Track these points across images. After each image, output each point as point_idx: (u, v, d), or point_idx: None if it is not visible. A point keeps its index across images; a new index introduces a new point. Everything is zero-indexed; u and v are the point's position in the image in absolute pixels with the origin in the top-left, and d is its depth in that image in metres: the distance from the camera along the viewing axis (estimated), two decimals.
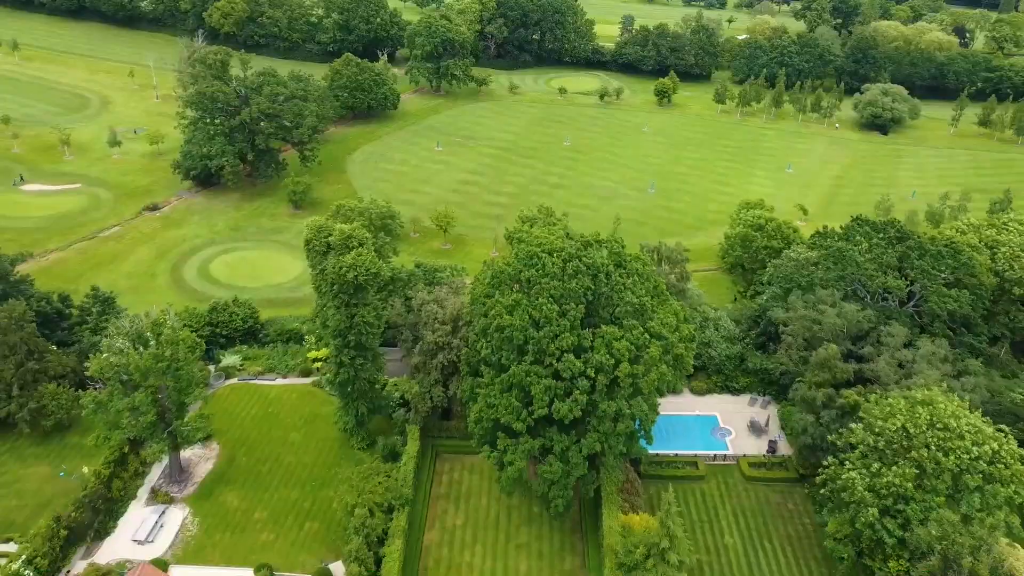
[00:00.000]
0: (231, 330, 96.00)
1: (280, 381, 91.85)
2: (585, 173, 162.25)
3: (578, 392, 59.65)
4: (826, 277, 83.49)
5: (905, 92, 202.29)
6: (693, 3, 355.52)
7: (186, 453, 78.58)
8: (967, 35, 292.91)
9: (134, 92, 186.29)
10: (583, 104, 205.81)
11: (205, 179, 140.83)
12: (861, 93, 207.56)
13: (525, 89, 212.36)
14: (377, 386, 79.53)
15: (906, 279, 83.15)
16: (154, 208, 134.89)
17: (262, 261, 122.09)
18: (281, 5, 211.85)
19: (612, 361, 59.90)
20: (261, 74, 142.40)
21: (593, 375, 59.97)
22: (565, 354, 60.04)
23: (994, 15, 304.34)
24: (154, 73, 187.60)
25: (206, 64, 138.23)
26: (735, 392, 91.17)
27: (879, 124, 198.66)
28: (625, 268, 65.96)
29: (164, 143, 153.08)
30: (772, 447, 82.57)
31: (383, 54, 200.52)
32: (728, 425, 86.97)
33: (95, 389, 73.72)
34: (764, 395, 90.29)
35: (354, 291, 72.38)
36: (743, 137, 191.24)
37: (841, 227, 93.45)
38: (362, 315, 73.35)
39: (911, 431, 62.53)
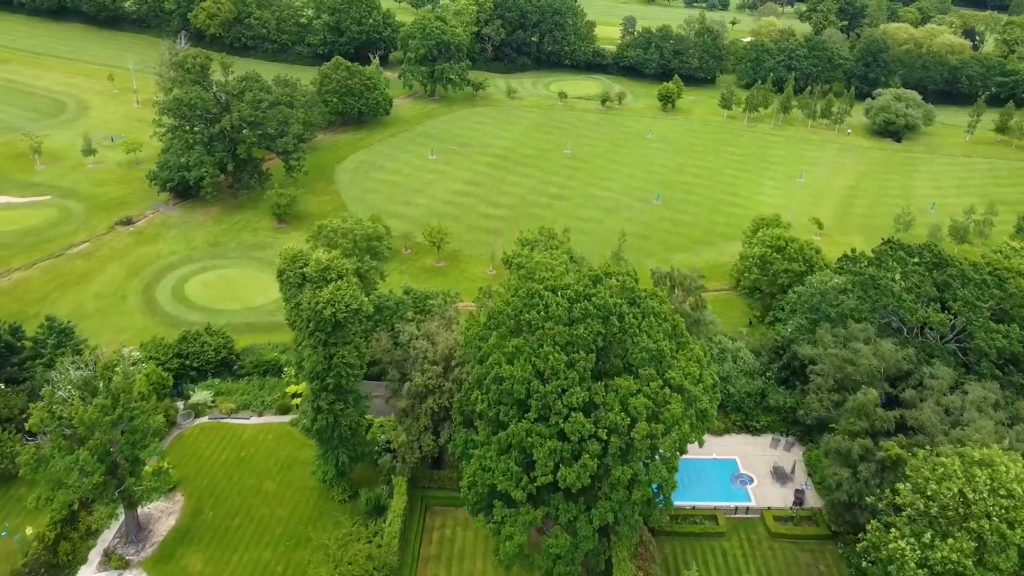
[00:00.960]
0: (203, 362, 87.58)
1: (255, 420, 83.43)
2: (587, 183, 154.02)
3: (587, 456, 51.40)
4: (858, 308, 75.28)
5: (919, 97, 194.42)
6: (695, 4, 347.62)
7: (145, 507, 70.18)
8: (977, 37, 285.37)
9: (113, 96, 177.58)
10: (584, 109, 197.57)
11: (183, 191, 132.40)
12: (873, 98, 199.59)
13: (523, 93, 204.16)
14: (360, 430, 71.27)
15: (947, 311, 75.01)
16: (128, 222, 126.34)
17: (241, 281, 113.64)
18: (269, 6, 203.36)
19: (627, 421, 51.68)
20: (244, 79, 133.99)
21: (605, 436, 51.70)
22: (573, 412, 51.78)
23: (1004, 17, 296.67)
24: (134, 76, 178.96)
25: (184, 69, 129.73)
26: (755, 432, 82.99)
27: (892, 131, 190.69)
28: (639, 307, 57.66)
29: (142, 151, 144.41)
30: (799, 498, 74.40)
31: (375, 57, 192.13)
32: (749, 471, 78.78)
33: (41, 438, 65.34)
34: (787, 435, 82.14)
35: (332, 329, 64.09)
36: (751, 144, 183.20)
37: (872, 251, 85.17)
38: (342, 355, 65.06)
39: (970, 497, 54.36)
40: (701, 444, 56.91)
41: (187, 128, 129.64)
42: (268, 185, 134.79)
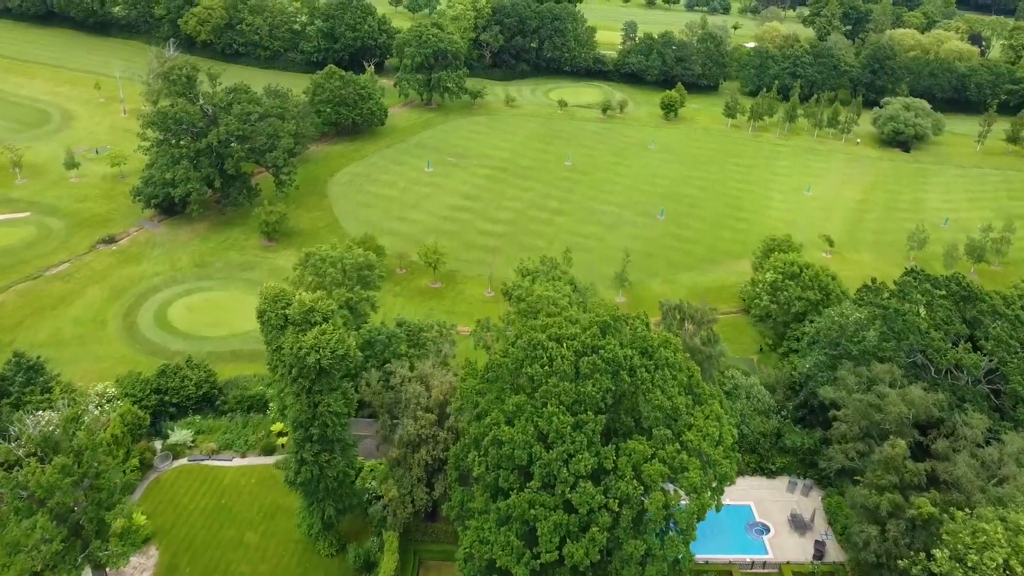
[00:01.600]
0: (183, 398, 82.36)
1: (238, 461, 78.23)
2: (588, 196, 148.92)
3: (596, 529, 46.31)
4: (882, 346, 70.24)
5: (928, 106, 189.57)
6: (696, 8, 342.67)
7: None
8: (983, 43, 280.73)
9: (100, 106, 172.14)
10: (584, 118, 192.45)
11: (169, 207, 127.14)
12: (880, 107, 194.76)
13: (522, 101, 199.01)
14: (348, 481, 66.14)
15: (978, 350, 70.02)
16: (110, 240, 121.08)
17: (227, 304, 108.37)
18: (262, 12, 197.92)
19: (640, 490, 46.60)
20: (232, 90, 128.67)
21: (617, 507, 46.62)
22: (581, 480, 46.68)
23: (1011, 22, 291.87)
24: (120, 85, 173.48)
25: (170, 80, 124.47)
26: (771, 474, 77.90)
27: (901, 141, 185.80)
28: (652, 358, 52.53)
29: (127, 164, 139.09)
30: (819, 549, 69.30)
31: (370, 65, 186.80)
32: (765, 519, 73.71)
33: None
34: (805, 478, 77.10)
35: (317, 376, 58.96)
36: (756, 154, 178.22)
37: (895, 282, 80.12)
38: (327, 403, 59.95)
39: (1018, 572, 49.34)
40: (719, 510, 51.79)
41: (173, 142, 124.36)
42: (257, 201, 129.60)
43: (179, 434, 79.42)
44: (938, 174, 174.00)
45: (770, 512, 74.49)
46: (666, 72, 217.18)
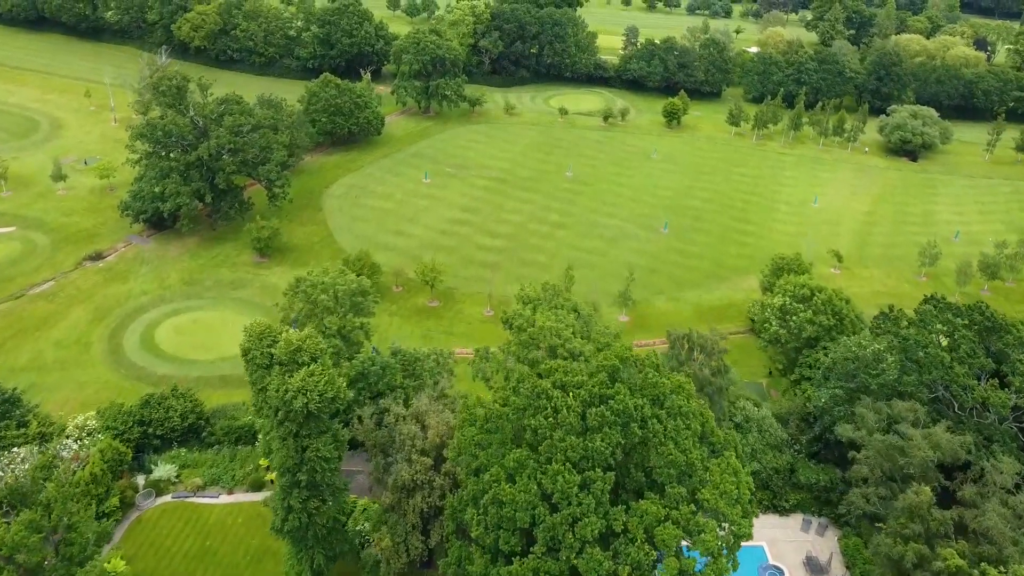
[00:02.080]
0: (167, 430, 78.55)
1: (224, 499, 74.47)
2: (589, 209, 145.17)
3: None
4: (904, 381, 66.55)
5: (936, 114, 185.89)
6: (698, 12, 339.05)
7: None
8: (988, 48, 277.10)
9: (90, 115, 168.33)
10: (585, 126, 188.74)
11: (158, 221, 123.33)
12: (887, 115, 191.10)
13: (522, 109, 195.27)
14: (339, 527, 62.38)
15: (1005, 386, 66.34)
16: (97, 257, 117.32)
17: (217, 325, 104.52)
18: (256, 17, 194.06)
19: (653, 555, 42.87)
20: (223, 101, 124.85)
21: (627, 574, 42.88)
22: (588, 546, 42.94)
23: (1015, 26, 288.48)
24: (111, 93, 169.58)
25: (160, 92, 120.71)
26: (784, 512, 74.18)
27: (908, 150, 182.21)
28: (664, 406, 48.79)
29: (116, 176, 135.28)
30: None
31: (366, 72, 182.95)
32: (779, 560, 69.99)
33: None
34: (820, 516, 73.42)
35: (305, 420, 55.22)
36: (761, 164, 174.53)
37: (915, 311, 76.40)
38: (316, 448, 56.19)
39: None
40: (736, 568, 48.05)
41: (162, 154, 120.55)
42: (249, 215, 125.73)
43: (163, 469, 75.61)
44: (947, 184, 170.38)
45: (784, 553, 70.80)
46: (668, 78, 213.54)
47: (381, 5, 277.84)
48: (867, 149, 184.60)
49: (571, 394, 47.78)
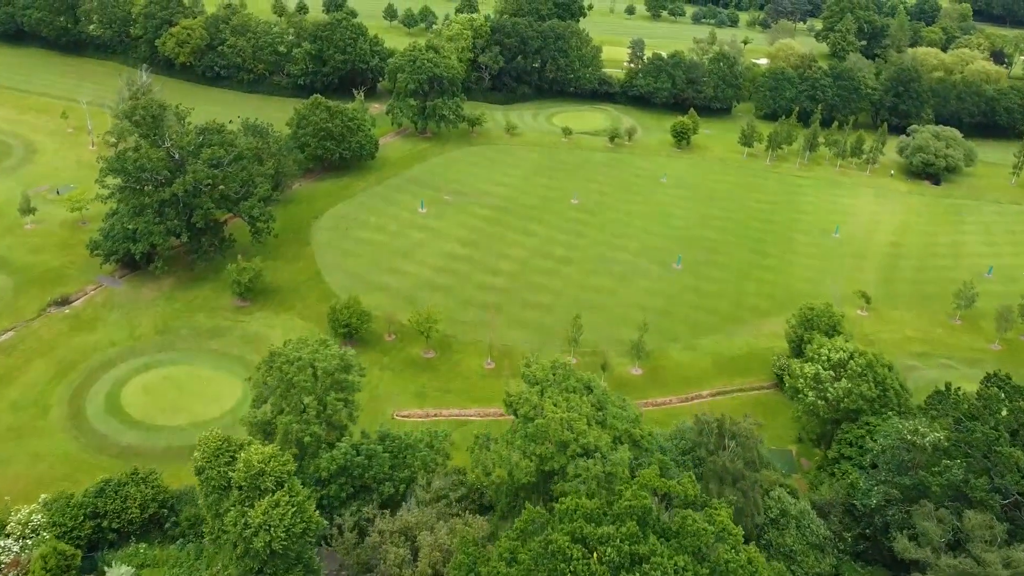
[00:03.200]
0: (124, 522, 69.13)
1: None
2: (597, 241, 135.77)
3: None
4: (973, 484, 57.18)
5: (959, 135, 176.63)
6: (703, 21, 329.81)
7: None
8: (1006, 60, 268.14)
9: (67, 137, 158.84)
10: (591, 147, 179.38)
11: (131, 260, 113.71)
12: (908, 135, 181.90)
13: (524, 128, 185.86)
14: None
15: None
16: (63, 302, 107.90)
17: (190, 383, 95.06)
18: (245, 32, 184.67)
19: None
20: (203, 130, 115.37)
21: None
22: None
23: None
24: (88, 115, 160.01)
25: (133, 121, 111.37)
26: None
27: (930, 172, 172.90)
28: (706, 560, 39.32)
29: (90, 209, 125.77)
30: None
31: (359, 92, 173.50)
32: None
33: None
34: None
35: (269, 557, 45.85)
36: (776, 189, 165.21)
37: (978, 394, 66.96)
38: None
39: None
40: None
41: (136, 188, 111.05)
42: (231, 253, 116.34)
43: (118, 571, 66.07)
44: (974, 211, 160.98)
45: None
46: (676, 94, 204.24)
47: (378, 15, 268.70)
48: (892, 172, 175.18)
49: (595, 552, 38.29)
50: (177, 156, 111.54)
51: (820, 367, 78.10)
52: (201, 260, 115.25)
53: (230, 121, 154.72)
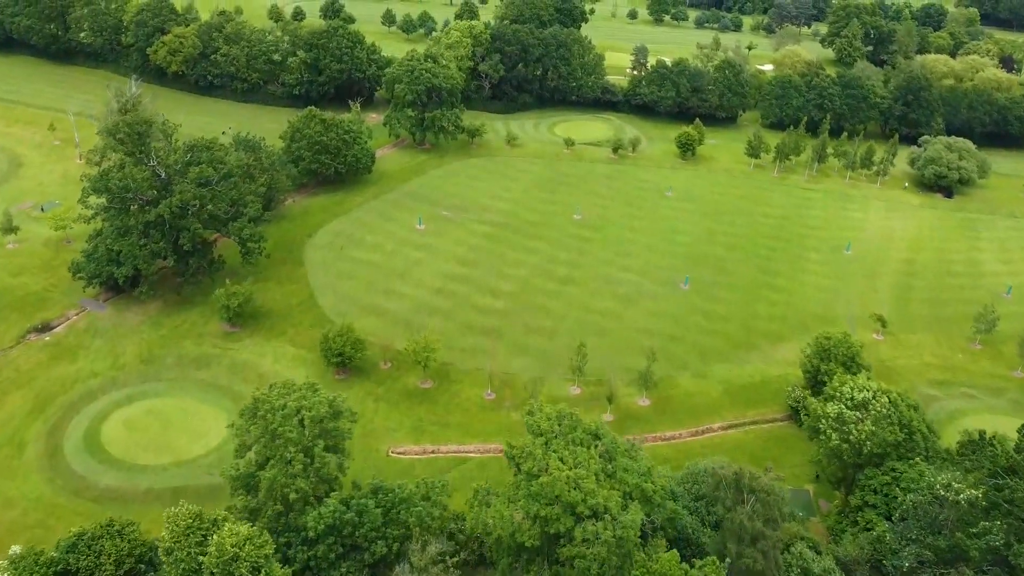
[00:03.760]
0: None
1: None
2: (601, 260, 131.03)
3: None
4: (1016, 551, 52.43)
5: (972, 146, 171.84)
6: (706, 25, 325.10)
7: None
8: (1015, 66, 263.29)
9: (54, 150, 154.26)
10: (593, 159, 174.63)
11: (116, 283, 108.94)
12: (919, 145, 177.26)
13: (525, 139, 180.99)
14: None
15: None
16: (44, 328, 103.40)
17: (176, 418, 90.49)
18: (238, 41, 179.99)
19: None
20: (191, 148, 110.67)
21: None
22: None
23: None
24: (76, 127, 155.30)
25: (117, 139, 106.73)
26: None
27: (943, 185, 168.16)
28: None
29: (74, 228, 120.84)
30: None
31: (355, 103, 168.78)
32: None
33: None
34: None
35: None
36: (784, 202, 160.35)
37: (1016, 447, 62.09)
38: None
39: None
40: None
41: (121, 207, 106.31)
42: (220, 275, 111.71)
43: None
44: (989, 226, 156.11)
45: None
46: (681, 103, 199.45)
47: (376, 20, 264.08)
48: (907, 185, 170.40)
49: None
50: (163, 175, 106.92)
51: (843, 407, 73.29)
52: (188, 283, 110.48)
53: (223, 132, 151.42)
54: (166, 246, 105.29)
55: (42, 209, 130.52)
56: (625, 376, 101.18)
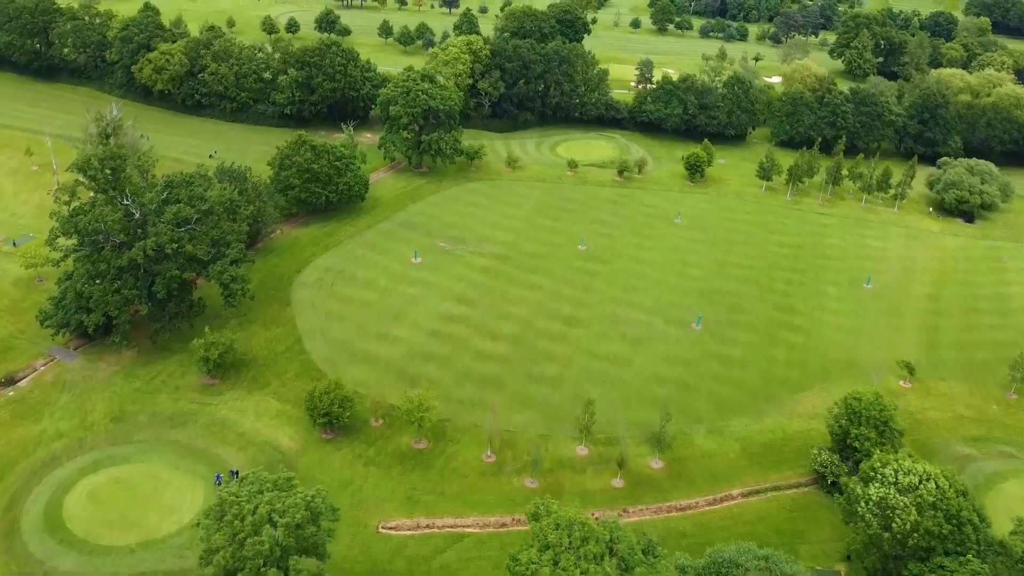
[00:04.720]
0: None
1: None
2: (608, 297, 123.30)
3: None
4: None
5: (995, 169, 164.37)
6: (711, 35, 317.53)
7: None
8: None
9: (30, 176, 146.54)
10: (598, 182, 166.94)
11: (86, 330, 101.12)
12: (938, 167, 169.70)
13: (526, 160, 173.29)
14: None
15: None
16: (8, 382, 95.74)
17: (145, 488, 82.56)
18: (227, 58, 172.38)
19: None
20: (168, 184, 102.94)
21: None
22: None
23: None
24: (53, 153, 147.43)
25: (88, 175, 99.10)
26: None
27: (964, 210, 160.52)
28: None
29: (47, 265, 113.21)
30: None
31: (348, 126, 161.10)
32: None
33: None
34: None
35: None
36: (799, 229, 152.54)
37: None
38: None
39: None
40: None
41: (93, 248, 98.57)
42: (200, 322, 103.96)
43: None
44: (1015, 255, 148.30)
45: None
46: (688, 121, 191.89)
47: (372, 32, 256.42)
48: (931, 210, 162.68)
49: None
50: (138, 215, 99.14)
51: (890, 491, 65.51)
52: (166, 329, 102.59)
53: (210, 156, 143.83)
54: (140, 292, 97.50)
55: (14, 243, 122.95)
56: (636, 432, 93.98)
